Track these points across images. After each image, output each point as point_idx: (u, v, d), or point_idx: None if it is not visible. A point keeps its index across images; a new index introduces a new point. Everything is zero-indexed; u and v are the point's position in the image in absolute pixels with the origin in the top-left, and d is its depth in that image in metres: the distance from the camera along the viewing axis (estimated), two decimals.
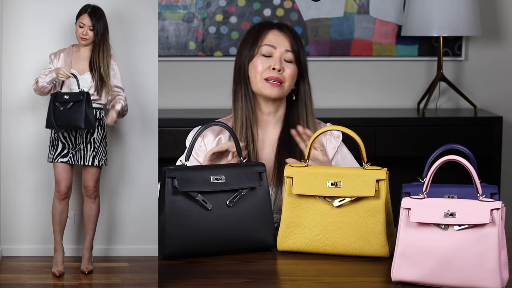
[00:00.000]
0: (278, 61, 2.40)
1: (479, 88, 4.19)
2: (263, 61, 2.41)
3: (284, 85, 2.41)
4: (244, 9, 4.11)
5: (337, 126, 2.08)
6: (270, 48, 2.41)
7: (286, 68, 2.41)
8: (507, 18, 4.16)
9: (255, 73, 2.41)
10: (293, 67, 2.42)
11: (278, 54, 2.41)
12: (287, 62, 2.42)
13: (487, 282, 1.69)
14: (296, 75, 2.43)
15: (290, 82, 2.42)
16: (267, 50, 2.41)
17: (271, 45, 2.42)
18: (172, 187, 1.97)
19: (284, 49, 2.41)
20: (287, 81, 2.41)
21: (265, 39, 2.43)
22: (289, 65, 2.42)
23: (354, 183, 1.98)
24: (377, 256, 1.98)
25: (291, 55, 2.42)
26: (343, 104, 4.16)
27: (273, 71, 2.39)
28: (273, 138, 2.48)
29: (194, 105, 4.16)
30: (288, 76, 2.41)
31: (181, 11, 4.12)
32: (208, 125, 2.14)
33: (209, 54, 4.13)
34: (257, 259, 1.99)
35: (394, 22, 4.13)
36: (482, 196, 1.73)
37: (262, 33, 2.44)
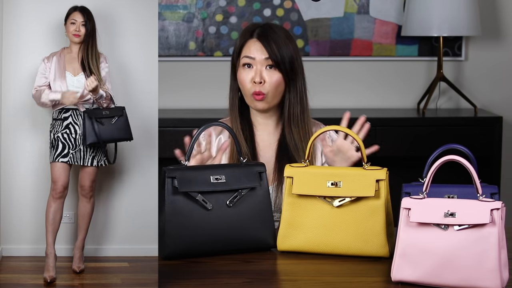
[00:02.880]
0: (258, 72, 2.39)
1: (479, 88, 4.19)
2: (246, 73, 2.40)
3: (267, 97, 2.39)
4: (244, 9, 4.11)
5: (337, 126, 2.08)
6: (250, 60, 2.40)
7: (267, 77, 2.39)
8: (507, 18, 4.16)
9: (242, 87, 2.42)
10: (276, 73, 2.40)
11: (259, 66, 2.39)
12: (270, 69, 2.40)
13: (487, 282, 1.69)
14: (280, 80, 2.40)
15: (274, 90, 2.40)
16: (248, 61, 2.41)
17: (250, 56, 2.40)
18: (172, 187, 1.97)
19: (263, 57, 2.40)
20: (270, 90, 2.39)
21: (244, 49, 2.42)
22: (272, 73, 2.40)
23: (354, 183, 1.98)
24: (377, 256, 1.98)
25: (270, 61, 2.40)
26: (343, 104, 4.16)
27: (255, 85, 2.39)
28: (273, 139, 2.48)
29: (194, 105, 4.16)
30: (271, 85, 2.39)
31: (181, 11, 4.12)
32: (208, 125, 2.14)
33: (209, 54, 4.13)
34: (257, 259, 1.99)
35: (394, 22, 4.13)
36: (482, 196, 1.73)
37: (243, 44, 2.43)
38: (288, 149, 2.43)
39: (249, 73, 2.40)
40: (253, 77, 2.38)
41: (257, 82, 2.37)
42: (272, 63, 2.39)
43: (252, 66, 2.40)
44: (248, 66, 2.40)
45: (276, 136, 2.48)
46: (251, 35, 2.43)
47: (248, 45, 2.42)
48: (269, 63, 2.39)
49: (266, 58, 2.39)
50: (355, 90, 4.18)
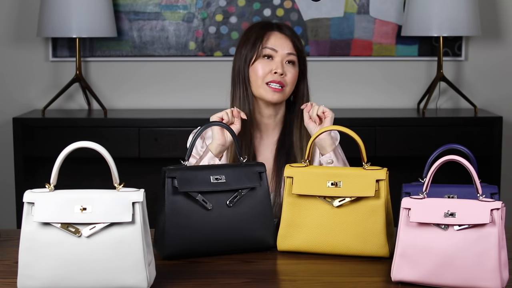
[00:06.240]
0: (280, 64, 2.39)
1: (479, 88, 4.19)
2: (264, 64, 2.39)
3: (285, 89, 2.40)
4: (244, 9, 4.11)
5: (337, 126, 2.08)
6: (272, 51, 2.40)
7: (287, 71, 2.40)
8: (507, 18, 4.16)
9: (256, 77, 2.40)
10: (295, 69, 2.41)
11: (280, 58, 2.40)
12: (289, 65, 2.41)
13: (487, 282, 1.69)
14: (296, 77, 2.42)
15: (291, 85, 2.42)
16: (269, 53, 2.40)
17: (273, 48, 2.40)
18: (172, 187, 1.97)
19: (286, 52, 2.40)
20: (289, 85, 2.41)
21: (267, 41, 2.41)
22: (291, 68, 2.41)
23: (354, 183, 1.98)
24: (377, 256, 1.98)
25: (293, 57, 2.41)
26: (343, 104, 4.16)
27: (275, 75, 2.38)
28: (272, 140, 2.48)
29: (194, 105, 4.16)
30: (290, 80, 2.40)
31: (181, 11, 4.12)
32: (208, 125, 2.14)
33: (209, 54, 4.13)
34: (257, 259, 1.99)
35: (394, 22, 4.13)
36: (482, 196, 1.73)
37: (263, 35, 2.42)
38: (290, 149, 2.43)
39: (268, 64, 2.39)
40: (274, 69, 2.38)
41: (279, 73, 2.37)
42: (294, 59, 2.40)
43: (273, 58, 2.40)
44: (268, 58, 2.40)
45: (275, 137, 2.48)
46: (271, 28, 2.43)
47: (270, 37, 2.41)
48: (289, 59, 2.40)
49: (288, 53, 2.40)
50: (355, 90, 4.18)
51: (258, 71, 2.39)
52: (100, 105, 3.99)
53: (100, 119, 3.82)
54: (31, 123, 3.76)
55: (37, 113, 3.95)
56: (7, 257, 1.98)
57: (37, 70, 4.13)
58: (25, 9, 4.09)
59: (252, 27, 2.47)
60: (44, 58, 4.13)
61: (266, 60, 2.40)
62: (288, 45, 2.41)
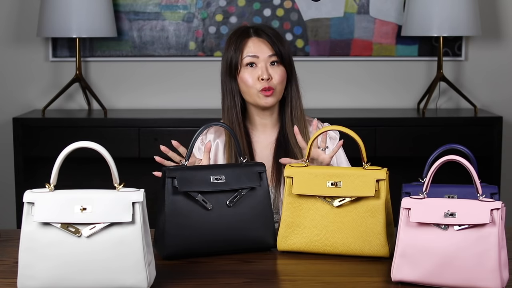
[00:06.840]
0: (264, 69, 2.39)
1: (479, 88, 4.19)
2: (250, 72, 2.40)
3: (275, 91, 2.41)
4: (244, 9, 4.11)
5: (337, 126, 2.08)
6: (253, 58, 2.40)
7: (273, 73, 2.40)
8: (507, 18, 4.16)
9: (247, 87, 2.41)
10: (280, 68, 2.42)
11: (263, 63, 2.40)
12: (273, 66, 2.41)
13: (487, 282, 1.69)
14: (285, 75, 2.43)
15: (281, 85, 2.42)
16: (250, 61, 2.41)
17: (253, 55, 2.41)
18: (172, 187, 1.97)
19: (267, 55, 2.41)
20: (278, 85, 2.41)
21: (246, 50, 2.41)
22: (276, 68, 2.41)
23: (354, 183, 1.98)
24: (377, 256, 1.98)
25: (275, 57, 2.41)
26: (343, 104, 4.16)
27: (263, 82, 2.39)
28: (271, 139, 2.48)
29: (194, 105, 4.16)
30: (278, 80, 2.41)
31: (181, 11, 4.12)
32: (208, 125, 2.14)
33: (209, 54, 4.13)
34: (257, 259, 1.99)
35: (394, 22, 4.13)
36: (482, 196, 1.73)
37: (241, 44, 2.42)
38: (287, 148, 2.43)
39: (253, 72, 2.40)
40: (260, 75, 2.38)
41: (265, 79, 2.38)
42: (276, 59, 2.40)
43: (256, 65, 2.40)
44: (251, 66, 2.40)
45: (273, 137, 2.48)
46: (248, 35, 2.43)
47: (248, 44, 2.41)
48: (273, 60, 2.40)
49: (269, 55, 2.40)
50: (355, 90, 4.18)
51: (247, 81, 2.40)
52: (100, 105, 3.99)
53: (100, 119, 3.82)
54: (31, 123, 3.76)
55: (37, 113, 3.95)
56: (7, 257, 1.98)
57: (37, 70, 4.13)
58: (25, 9, 4.09)
59: (230, 37, 2.46)
60: (44, 58, 4.13)
61: (250, 68, 2.40)
62: (267, 47, 2.41)
